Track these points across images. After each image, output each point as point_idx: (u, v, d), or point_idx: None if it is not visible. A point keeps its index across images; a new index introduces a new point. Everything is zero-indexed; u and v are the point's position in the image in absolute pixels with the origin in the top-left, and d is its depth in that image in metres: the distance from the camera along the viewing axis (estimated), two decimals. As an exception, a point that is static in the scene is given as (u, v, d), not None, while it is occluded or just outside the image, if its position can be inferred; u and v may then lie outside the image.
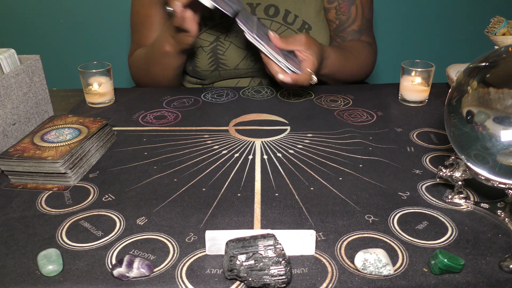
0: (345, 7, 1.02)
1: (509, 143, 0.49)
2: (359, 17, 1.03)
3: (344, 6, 1.02)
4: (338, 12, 1.02)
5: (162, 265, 0.49)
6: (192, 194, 0.62)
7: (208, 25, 0.99)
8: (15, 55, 0.76)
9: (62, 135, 0.69)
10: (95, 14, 1.70)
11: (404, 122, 0.83)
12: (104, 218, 0.57)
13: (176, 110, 0.89)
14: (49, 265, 0.48)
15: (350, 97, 0.95)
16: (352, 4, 1.02)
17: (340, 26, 1.04)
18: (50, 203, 0.61)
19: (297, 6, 0.99)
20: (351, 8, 1.02)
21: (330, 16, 1.04)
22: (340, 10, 1.02)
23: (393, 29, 1.76)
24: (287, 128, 0.81)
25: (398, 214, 0.57)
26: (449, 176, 0.58)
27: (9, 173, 0.65)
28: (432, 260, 0.47)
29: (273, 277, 0.45)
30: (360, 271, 0.48)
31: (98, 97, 0.91)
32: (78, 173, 0.66)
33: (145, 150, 0.74)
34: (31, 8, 1.68)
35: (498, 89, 0.49)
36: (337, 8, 1.02)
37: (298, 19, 1.00)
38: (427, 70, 0.87)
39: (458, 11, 1.76)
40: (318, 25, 1.01)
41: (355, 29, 1.04)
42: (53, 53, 1.75)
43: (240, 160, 0.70)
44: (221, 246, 0.50)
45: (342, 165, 0.69)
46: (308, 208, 0.58)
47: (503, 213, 0.56)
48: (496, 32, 0.85)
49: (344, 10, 1.02)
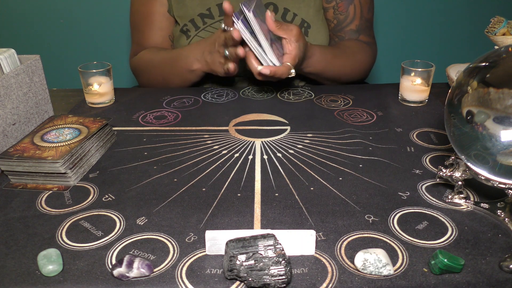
0: (343, 7, 1.02)
1: (509, 143, 0.49)
2: (358, 16, 1.03)
3: (342, 5, 1.02)
4: (336, 11, 1.03)
5: (162, 265, 0.49)
6: (192, 194, 0.62)
7: (208, 23, 0.99)
8: (15, 55, 0.76)
9: (62, 135, 0.69)
10: (95, 14, 1.70)
11: (404, 122, 0.83)
12: (104, 218, 0.57)
13: (176, 110, 0.89)
14: (49, 265, 0.48)
15: (350, 97, 0.95)
16: (350, 3, 1.02)
17: (338, 26, 1.04)
18: (50, 203, 0.61)
19: (296, 5, 1.00)
20: (349, 7, 1.02)
21: (328, 15, 1.04)
22: (338, 10, 1.02)
23: (393, 29, 1.76)
24: (287, 128, 0.81)
25: (398, 214, 0.57)
26: (449, 176, 0.58)
27: (9, 173, 0.65)
28: (432, 260, 0.47)
29: (273, 277, 0.45)
30: (360, 271, 0.48)
31: (98, 97, 0.91)
32: (78, 173, 0.66)
33: (145, 150, 0.74)
34: (31, 8, 1.68)
35: (498, 89, 0.49)
36: (335, 7, 1.02)
37: (297, 18, 1.00)
38: (427, 70, 0.87)
39: (458, 11, 1.76)
40: (317, 24, 1.01)
41: (353, 29, 1.04)
42: (53, 53, 1.74)
43: (240, 160, 0.70)
44: (221, 246, 0.50)
45: (342, 165, 0.69)
46: (308, 208, 0.58)
47: (503, 213, 0.56)
48: (496, 32, 0.85)
49: (342, 10, 1.02)
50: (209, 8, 0.99)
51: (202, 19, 0.99)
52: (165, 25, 1.04)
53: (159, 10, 1.03)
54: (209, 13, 0.99)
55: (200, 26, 1.00)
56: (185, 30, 1.01)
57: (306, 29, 1.01)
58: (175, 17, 1.02)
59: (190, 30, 1.00)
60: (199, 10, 0.99)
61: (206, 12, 0.99)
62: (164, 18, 1.03)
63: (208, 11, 0.99)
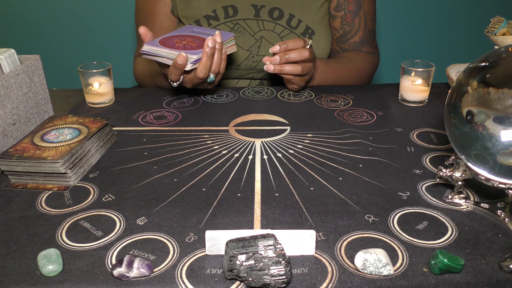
0: (350, 18, 1.03)
1: (509, 143, 0.49)
2: (362, 28, 1.04)
3: (349, 16, 1.03)
4: (343, 22, 1.03)
5: (162, 265, 0.49)
6: (192, 194, 0.62)
7: (213, 24, 0.99)
8: (15, 55, 0.76)
9: (62, 135, 0.69)
10: (95, 14, 1.70)
11: (404, 122, 0.83)
12: (104, 218, 0.57)
13: (176, 110, 0.89)
14: (49, 265, 0.48)
15: (350, 97, 0.95)
16: (356, 15, 1.03)
17: (343, 36, 1.05)
18: (50, 203, 0.61)
19: (301, 11, 1.00)
20: (355, 19, 1.03)
21: (335, 24, 1.05)
22: (345, 20, 1.03)
23: (393, 29, 1.76)
24: (287, 128, 0.81)
25: (398, 214, 0.57)
26: (449, 176, 0.58)
27: (9, 173, 0.65)
28: (432, 260, 0.47)
29: (273, 277, 0.45)
30: (360, 271, 0.48)
31: (98, 97, 0.91)
32: (78, 173, 0.66)
33: (145, 150, 0.74)
34: (31, 8, 1.68)
35: (498, 89, 0.49)
36: (343, 17, 1.03)
37: (302, 24, 1.00)
38: (427, 70, 0.87)
39: (458, 11, 1.76)
40: (321, 31, 1.02)
41: (357, 41, 1.05)
42: (53, 53, 1.75)
43: (240, 160, 0.70)
44: (221, 246, 0.50)
45: (342, 165, 0.69)
46: (308, 208, 0.58)
47: (503, 213, 0.56)
48: (496, 32, 0.85)
49: (349, 21, 1.03)
50: (215, 10, 0.99)
51: (207, 21, 0.99)
52: (167, 24, 1.04)
53: (162, 10, 1.03)
54: (215, 15, 0.99)
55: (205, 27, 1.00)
56: None
57: (310, 35, 1.01)
58: (180, 18, 1.02)
59: None
60: (205, 12, 0.99)
61: (212, 14, 0.99)
62: (167, 17, 1.04)
63: (214, 13, 0.99)
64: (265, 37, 1.00)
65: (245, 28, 0.99)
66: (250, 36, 0.99)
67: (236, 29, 0.99)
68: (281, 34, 1.00)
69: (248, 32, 0.99)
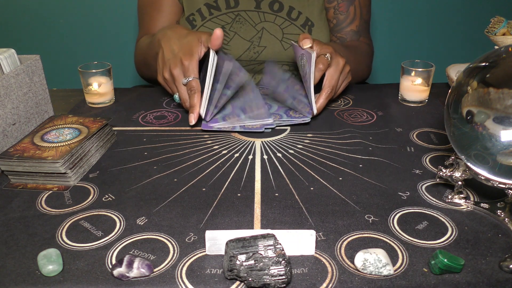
0: (343, 7, 1.03)
1: (509, 143, 0.49)
2: (358, 17, 1.04)
3: (342, 5, 1.03)
4: (336, 11, 1.03)
5: (162, 265, 0.49)
6: (192, 194, 0.62)
7: (214, 14, 0.99)
8: (15, 55, 0.76)
9: (62, 135, 0.69)
10: (95, 14, 1.69)
11: (404, 122, 0.83)
12: (104, 218, 0.57)
13: (176, 110, 0.89)
14: (49, 265, 0.48)
15: (350, 97, 0.95)
16: (350, 4, 1.03)
17: (337, 26, 1.05)
18: (50, 203, 0.61)
19: (300, 3, 1.01)
20: (350, 8, 1.03)
21: (328, 15, 1.05)
22: (338, 10, 1.03)
23: (393, 29, 1.76)
24: (287, 128, 0.81)
25: (398, 214, 0.57)
26: (449, 176, 0.58)
27: (9, 173, 0.65)
28: (432, 260, 0.47)
29: (273, 277, 0.45)
30: (360, 271, 0.48)
31: (98, 97, 0.91)
32: (78, 173, 0.66)
33: (145, 150, 0.74)
34: (31, 8, 1.68)
35: (498, 89, 0.49)
36: (335, 7, 1.03)
37: (302, 16, 1.01)
38: (427, 70, 0.87)
39: (459, 11, 1.75)
40: (320, 23, 1.03)
41: (354, 30, 1.04)
42: (53, 53, 1.74)
43: (240, 160, 0.70)
44: (221, 246, 0.50)
45: (342, 165, 0.69)
46: (308, 208, 0.58)
47: (503, 213, 0.56)
48: (496, 32, 0.85)
49: (343, 10, 1.03)
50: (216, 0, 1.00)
51: (208, 10, 1.00)
52: (173, 10, 1.03)
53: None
54: (216, 5, 1.00)
55: (206, 16, 1.00)
56: (191, 19, 1.01)
57: (310, 27, 1.01)
58: (183, 5, 1.02)
59: (196, 20, 1.00)
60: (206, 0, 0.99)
61: (213, 4, 1.00)
62: (174, 4, 1.03)
63: (215, 3, 1.00)
64: (266, 28, 1.00)
65: (246, 20, 1.00)
66: (252, 27, 1.00)
67: (238, 20, 1.00)
68: (282, 26, 1.01)
69: (249, 23, 1.00)
